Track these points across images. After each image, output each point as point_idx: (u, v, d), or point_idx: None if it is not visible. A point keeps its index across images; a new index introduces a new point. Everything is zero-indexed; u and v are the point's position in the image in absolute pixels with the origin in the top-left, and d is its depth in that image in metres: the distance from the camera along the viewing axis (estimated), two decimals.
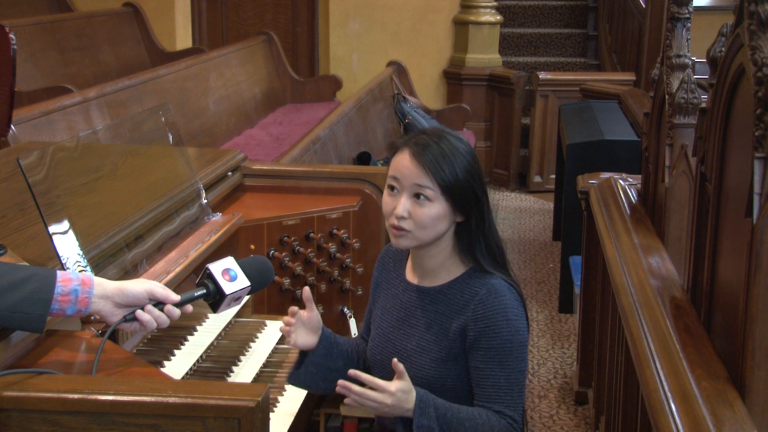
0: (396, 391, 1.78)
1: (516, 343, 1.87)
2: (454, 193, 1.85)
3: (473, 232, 1.90)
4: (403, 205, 1.87)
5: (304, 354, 2.01)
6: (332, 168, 3.45)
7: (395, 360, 1.80)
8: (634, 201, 3.06)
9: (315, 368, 1.99)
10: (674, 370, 1.79)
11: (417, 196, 1.86)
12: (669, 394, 1.71)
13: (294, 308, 1.97)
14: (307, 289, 1.98)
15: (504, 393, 1.87)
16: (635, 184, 3.21)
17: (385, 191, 1.92)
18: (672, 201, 2.52)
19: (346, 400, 1.81)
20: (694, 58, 2.69)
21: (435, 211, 1.86)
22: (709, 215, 1.91)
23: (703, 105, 2.04)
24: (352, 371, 1.82)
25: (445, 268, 1.95)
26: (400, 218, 1.86)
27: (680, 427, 1.60)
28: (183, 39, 6.93)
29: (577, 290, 3.86)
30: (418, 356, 1.94)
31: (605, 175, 3.40)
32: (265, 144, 5.20)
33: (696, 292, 2.07)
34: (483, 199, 1.90)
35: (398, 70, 6.79)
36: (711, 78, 1.94)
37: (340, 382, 1.79)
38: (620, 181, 3.29)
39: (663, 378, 1.78)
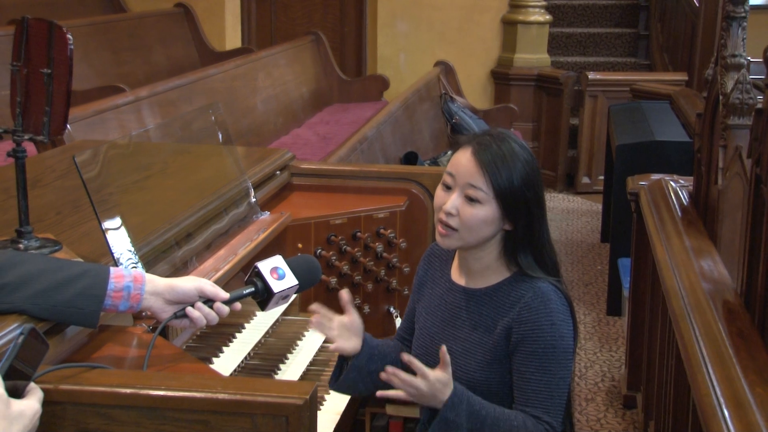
0: (434, 379, 1.75)
1: (560, 349, 1.83)
2: (506, 199, 1.82)
3: (518, 241, 1.86)
4: (452, 201, 1.84)
5: (342, 359, 1.98)
6: (379, 168, 3.45)
7: (444, 348, 1.76)
8: (685, 203, 3.01)
9: (356, 372, 1.96)
10: (727, 376, 1.76)
11: (469, 196, 1.84)
12: (721, 400, 1.68)
13: (315, 306, 1.92)
14: (344, 292, 1.93)
15: (543, 398, 1.83)
16: (686, 186, 3.17)
17: (440, 184, 1.89)
18: (725, 203, 2.48)
19: (390, 392, 1.79)
20: (749, 58, 2.64)
21: (484, 213, 1.83)
22: (764, 218, 1.88)
23: (759, 106, 2.00)
24: (405, 356, 1.78)
25: (491, 270, 1.93)
26: (448, 215, 1.85)
27: None
28: (232, 39, 7.00)
29: (625, 293, 3.81)
30: (463, 358, 1.91)
31: (656, 176, 3.36)
32: (312, 143, 5.22)
33: (750, 296, 2.03)
34: (534, 211, 1.85)
35: (445, 69, 6.77)
36: (767, 78, 1.91)
37: (388, 368, 1.76)
38: (671, 182, 3.24)
39: (715, 383, 1.75)
